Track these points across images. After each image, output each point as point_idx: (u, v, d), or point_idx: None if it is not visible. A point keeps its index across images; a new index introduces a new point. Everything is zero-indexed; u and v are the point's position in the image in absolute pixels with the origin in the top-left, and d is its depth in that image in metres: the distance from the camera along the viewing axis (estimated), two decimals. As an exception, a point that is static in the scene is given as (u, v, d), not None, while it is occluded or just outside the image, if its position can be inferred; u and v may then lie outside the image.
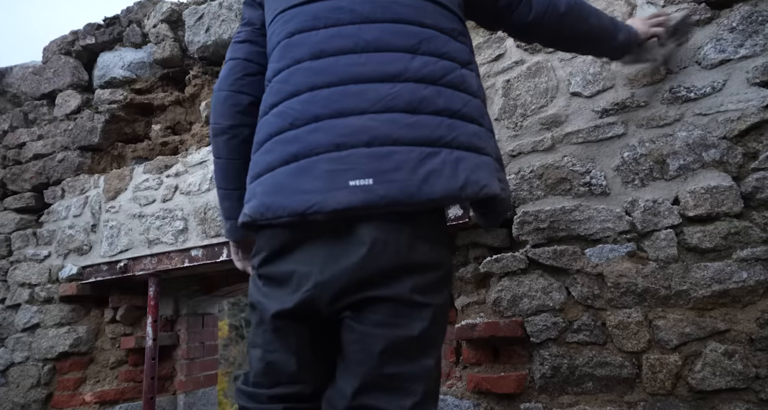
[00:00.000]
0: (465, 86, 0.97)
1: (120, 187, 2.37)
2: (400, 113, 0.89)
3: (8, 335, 2.47)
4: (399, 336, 0.86)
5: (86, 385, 2.33)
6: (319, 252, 0.89)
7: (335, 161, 0.87)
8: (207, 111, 2.35)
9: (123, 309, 2.38)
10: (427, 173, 0.85)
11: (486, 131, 0.97)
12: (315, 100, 0.93)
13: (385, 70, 0.92)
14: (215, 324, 2.78)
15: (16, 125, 2.80)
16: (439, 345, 0.94)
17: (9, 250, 2.61)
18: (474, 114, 0.95)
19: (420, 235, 0.89)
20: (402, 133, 0.88)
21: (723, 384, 1.21)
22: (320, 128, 0.90)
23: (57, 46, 2.76)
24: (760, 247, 1.24)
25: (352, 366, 0.88)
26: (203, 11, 2.35)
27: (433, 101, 0.91)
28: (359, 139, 0.87)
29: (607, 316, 1.37)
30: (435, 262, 0.91)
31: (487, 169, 0.92)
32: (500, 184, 0.94)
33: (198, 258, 2.08)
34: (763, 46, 1.31)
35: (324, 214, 0.85)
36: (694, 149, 1.34)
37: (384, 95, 0.90)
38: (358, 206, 0.84)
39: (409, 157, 0.86)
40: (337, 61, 0.94)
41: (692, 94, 1.37)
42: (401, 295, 0.86)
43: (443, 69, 0.95)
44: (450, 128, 0.91)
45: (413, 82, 0.92)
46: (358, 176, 0.85)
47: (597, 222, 1.42)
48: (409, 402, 0.84)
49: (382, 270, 0.86)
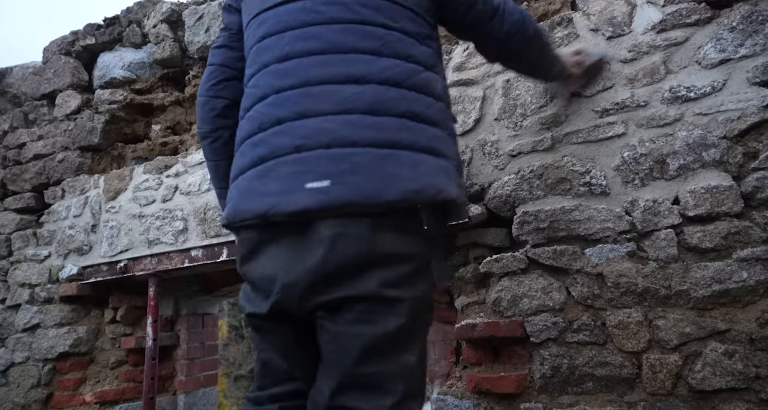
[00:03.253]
0: (429, 89, 0.96)
1: (120, 187, 2.37)
2: (362, 115, 0.89)
3: (8, 335, 2.47)
4: (373, 333, 0.83)
5: (86, 385, 2.33)
6: (284, 253, 0.88)
7: (295, 163, 0.88)
8: (207, 111, 2.35)
9: (123, 309, 2.38)
10: (385, 175, 0.85)
11: (447, 135, 0.97)
12: (279, 102, 0.94)
13: (349, 72, 0.92)
14: (215, 324, 2.78)
15: (16, 125, 2.80)
16: (419, 340, 0.91)
17: (9, 250, 2.61)
18: (437, 117, 0.95)
19: (384, 227, 0.86)
20: (362, 135, 0.87)
21: (723, 384, 1.21)
22: (283, 131, 0.92)
23: (57, 46, 2.76)
24: (760, 247, 1.24)
25: (329, 367, 0.87)
26: (203, 11, 2.35)
27: (395, 103, 0.91)
28: (319, 140, 0.88)
29: (607, 316, 1.37)
30: (403, 254, 0.88)
31: (446, 173, 0.91)
32: (458, 190, 0.93)
33: (198, 259, 2.08)
34: (763, 45, 1.31)
35: (282, 216, 0.87)
36: (694, 149, 1.34)
37: (347, 96, 0.90)
38: (314, 208, 0.84)
39: (368, 159, 0.86)
40: (301, 62, 0.95)
41: (692, 93, 1.37)
42: (370, 292, 0.84)
43: (407, 71, 0.94)
44: (411, 131, 0.90)
45: (377, 83, 0.91)
46: (316, 178, 0.85)
47: (597, 222, 1.42)
48: (389, 401, 0.82)
49: (345, 265, 0.84)
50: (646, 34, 1.46)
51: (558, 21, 1.61)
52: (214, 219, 2.08)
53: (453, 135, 1.01)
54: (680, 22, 1.42)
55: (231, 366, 12.78)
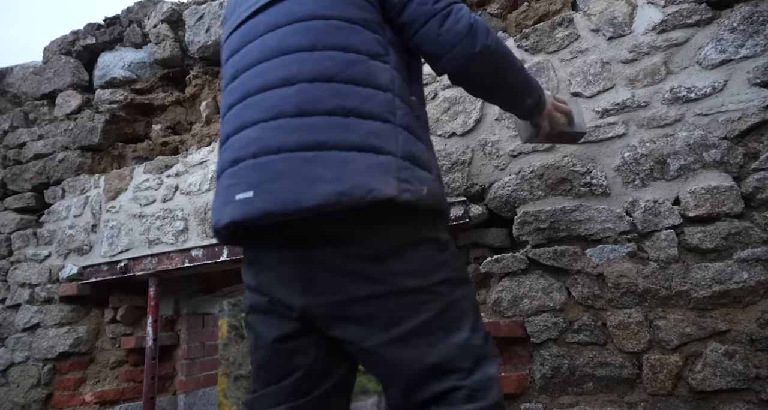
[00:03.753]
0: (370, 80, 0.90)
1: (120, 187, 2.37)
2: (289, 118, 0.86)
3: (8, 335, 2.47)
4: (412, 327, 0.81)
5: (86, 385, 2.33)
6: (285, 265, 0.88)
7: (230, 176, 0.89)
8: (207, 111, 2.35)
9: (123, 309, 2.37)
10: (306, 179, 0.81)
11: (392, 127, 0.88)
12: (228, 119, 0.96)
13: (281, 74, 0.89)
14: (215, 324, 2.78)
15: (16, 125, 2.80)
16: (466, 314, 0.86)
17: (9, 250, 2.61)
18: (376, 110, 0.88)
19: (392, 221, 0.84)
20: (286, 140, 0.84)
21: (723, 385, 1.21)
22: (228, 146, 0.93)
23: (57, 46, 2.76)
24: (760, 248, 1.24)
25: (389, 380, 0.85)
26: (203, 11, 2.35)
27: (323, 101, 0.86)
28: (248, 150, 0.87)
29: (608, 316, 1.37)
30: (415, 240, 0.86)
31: (382, 169, 0.83)
32: (401, 185, 0.83)
33: (198, 258, 2.08)
34: (763, 46, 1.31)
35: (222, 229, 0.88)
36: (695, 149, 1.34)
37: (276, 101, 0.88)
38: (240, 220, 0.84)
39: (289, 164, 0.82)
40: (245, 75, 0.95)
41: (693, 94, 1.37)
42: (391, 287, 0.82)
43: (343, 63, 0.89)
44: (342, 128, 0.85)
45: (306, 82, 0.88)
46: (243, 189, 0.85)
47: (597, 223, 1.42)
48: (458, 375, 0.80)
49: (360, 263, 0.83)
50: (646, 34, 1.46)
51: (559, 21, 1.61)
52: (215, 219, 2.08)
53: (404, 126, 0.90)
54: (681, 23, 1.42)
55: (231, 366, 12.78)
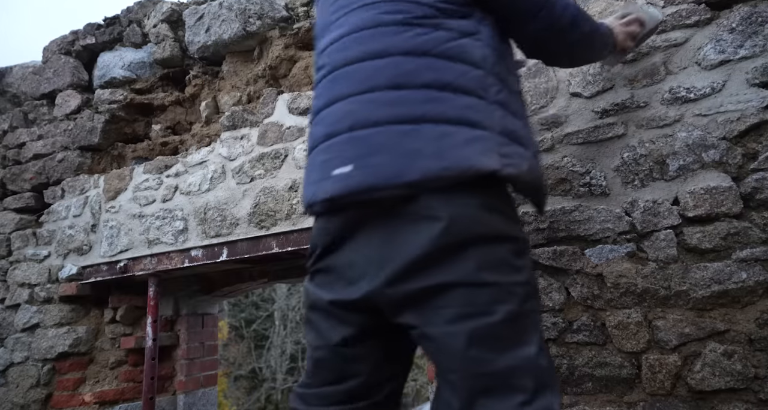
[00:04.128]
0: (464, 56, 0.89)
1: (120, 187, 2.37)
2: (383, 91, 0.85)
3: (8, 335, 2.47)
4: (481, 326, 0.76)
5: (86, 385, 2.33)
6: (374, 239, 0.83)
7: (325, 151, 0.88)
8: (207, 111, 2.35)
9: (123, 309, 2.38)
10: (406, 153, 0.79)
11: (486, 103, 0.87)
12: (318, 94, 0.96)
13: (372, 47, 0.89)
14: (215, 324, 2.78)
15: (16, 125, 2.80)
16: (536, 331, 0.82)
17: (9, 250, 2.61)
18: (471, 85, 0.87)
19: (488, 206, 0.81)
20: (382, 113, 0.83)
21: (722, 385, 1.21)
22: (319, 120, 0.93)
23: (57, 45, 2.76)
24: (759, 248, 1.24)
25: (446, 375, 0.80)
26: (203, 11, 2.35)
27: (418, 74, 0.85)
28: (343, 124, 0.86)
29: (607, 317, 1.37)
30: (502, 234, 0.82)
31: (481, 143, 0.82)
32: (503, 159, 0.82)
33: (198, 258, 2.09)
34: (762, 46, 1.31)
35: (319, 205, 0.87)
36: (694, 150, 1.34)
37: (369, 74, 0.87)
38: (339, 194, 0.83)
39: (387, 138, 0.81)
40: (332, 49, 0.95)
41: (692, 94, 1.37)
42: (467, 276, 0.77)
43: (437, 39, 0.88)
44: (438, 102, 0.83)
45: (400, 55, 0.87)
46: (341, 164, 0.84)
47: (597, 223, 1.42)
48: (520, 398, 0.74)
49: (440, 247, 0.78)
50: (645, 35, 1.46)
51: (558, 22, 1.61)
52: (214, 219, 2.09)
53: (498, 102, 0.89)
54: (680, 23, 1.42)
55: (231, 366, 12.78)
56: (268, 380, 13.15)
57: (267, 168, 2.02)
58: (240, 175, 2.08)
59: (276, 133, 2.04)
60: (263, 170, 2.03)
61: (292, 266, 2.33)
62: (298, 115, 2.02)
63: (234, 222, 2.04)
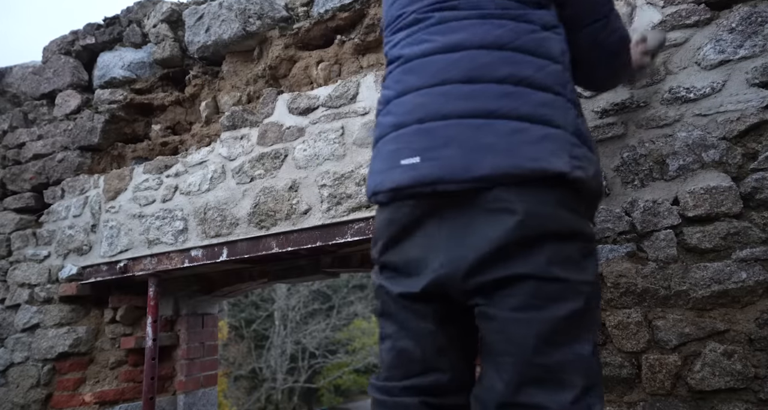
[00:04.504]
0: (543, 50, 0.88)
1: (120, 187, 2.37)
2: (456, 84, 0.85)
3: (8, 335, 2.47)
4: (545, 318, 0.77)
5: (86, 385, 2.33)
6: (445, 229, 0.83)
7: (394, 141, 0.89)
8: (206, 111, 2.35)
9: (123, 309, 2.38)
10: (477, 148, 0.79)
11: (563, 101, 0.86)
12: (389, 84, 0.97)
13: (448, 40, 0.89)
14: (215, 324, 2.79)
15: (15, 125, 2.80)
16: (593, 330, 0.83)
17: (9, 250, 2.61)
18: (548, 81, 0.86)
19: (563, 203, 0.81)
20: (454, 106, 0.84)
21: (722, 384, 1.22)
22: (389, 110, 0.94)
23: (57, 45, 2.76)
24: (759, 248, 1.24)
25: (497, 358, 0.80)
26: (203, 11, 2.35)
27: (494, 68, 0.84)
28: (414, 116, 0.87)
29: (607, 316, 1.37)
30: (574, 231, 0.82)
31: (553, 142, 0.81)
32: (572, 161, 0.81)
33: (198, 259, 2.09)
34: (762, 46, 1.31)
35: (384, 194, 0.88)
36: (694, 150, 1.34)
37: (442, 67, 0.88)
38: (406, 185, 0.84)
39: (459, 131, 0.82)
40: (407, 42, 0.96)
41: (692, 94, 1.37)
42: (538, 270, 0.78)
43: (515, 31, 0.87)
44: (512, 97, 0.83)
45: (475, 48, 0.86)
46: (409, 154, 0.85)
47: (597, 223, 1.42)
48: (569, 395, 0.74)
49: (515, 240, 0.78)
50: (645, 34, 1.46)
51: (558, 22, 1.61)
52: (214, 219, 2.09)
53: (572, 101, 0.89)
54: (680, 23, 1.42)
55: (231, 366, 12.77)
56: (268, 380, 13.15)
57: (267, 168, 2.02)
58: (240, 174, 2.08)
59: (276, 133, 2.04)
60: (263, 170, 2.03)
61: (292, 266, 2.33)
62: (297, 115, 2.02)
63: (234, 222, 2.04)
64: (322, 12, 2.08)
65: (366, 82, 1.90)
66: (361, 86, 1.91)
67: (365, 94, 1.89)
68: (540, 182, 0.80)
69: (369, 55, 2.02)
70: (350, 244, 1.88)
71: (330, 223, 1.83)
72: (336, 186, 1.85)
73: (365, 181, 1.80)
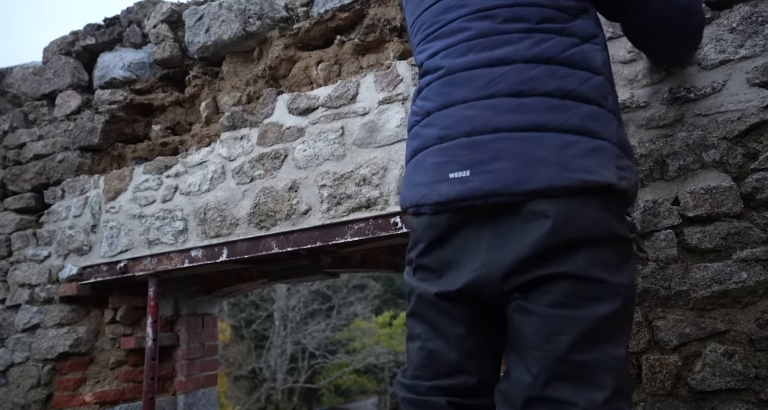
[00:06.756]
0: (586, 63, 0.89)
1: (120, 187, 2.37)
2: (504, 98, 0.86)
3: (8, 335, 2.47)
4: (583, 317, 0.77)
5: (86, 386, 2.33)
6: (486, 234, 0.85)
7: (439, 153, 0.89)
8: (207, 111, 2.35)
9: (123, 309, 2.38)
10: (529, 161, 0.81)
11: (606, 113, 0.88)
12: (428, 95, 0.96)
13: (493, 54, 0.89)
14: (215, 324, 2.79)
15: (16, 125, 2.80)
16: (627, 334, 0.84)
17: (9, 251, 2.61)
18: (592, 93, 0.87)
19: (604, 207, 0.82)
20: (503, 120, 0.84)
21: (723, 385, 1.21)
22: (431, 122, 0.93)
23: (57, 46, 2.76)
24: (759, 248, 1.24)
25: (527, 352, 0.80)
26: (203, 12, 2.35)
27: (542, 82, 0.86)
28: (460, 129, 0.87)
29: (607, 317, 1.37)
30: (614, 235, 0.83)
31: (601, 155, 0.83)
32: (618, 172, 0.83)
33: (198, 259, 2.08)
34: (763, 46, 1.31)
35: (429, 206, 0.88)
36: (694, 149, 1.34)
37: (489, 80, 0.88)
38: (456, 198, 0.84)
39: (508, 144, 0.83)
40: (449, 53, 0.95)
41: (692, 94, 1.37)
42: (579, 270, 0.79)
43: (559, 45, 0.89)
44: (560, 110, 0.84)
45: (522, 62, 0.87)
46: (458, 168, 0.85)
47: (597, 223, 1.42)
48: (600, 395, 0.74)
49: (554, 244, 0.79)
50: (645, 34, 1.46)
51: (558, 22, 1.61)
52: (214, 220, 2.09)
53: (614, 112, 0.91)
54: (680, 23, 1.42)
55: (231, 366, 12.78)
56: (268, 380, 13.16)
57: (267, 168, 2.02)
58: (240, 175, 2.08)
59: (276, 134, 2.04)
60: (263, 170, 2.03)
61: (292, 266, 2.33)
62: (297, 115, 2.02)
63: (234, 222, 2.04)
64: (321, 12, 2.08)
65: (366, 83, 1.90)
66: (360, 86, 1.91)
67: (365, 94, 1.89)
68: (585, 191, 0.81)
69: (369, 56, 2.02)
70: (350, 244, 1.88)
71: (330, 223, 1.83)
72: (336, 186, 1.85)
73: (365, 181, 1.80)
